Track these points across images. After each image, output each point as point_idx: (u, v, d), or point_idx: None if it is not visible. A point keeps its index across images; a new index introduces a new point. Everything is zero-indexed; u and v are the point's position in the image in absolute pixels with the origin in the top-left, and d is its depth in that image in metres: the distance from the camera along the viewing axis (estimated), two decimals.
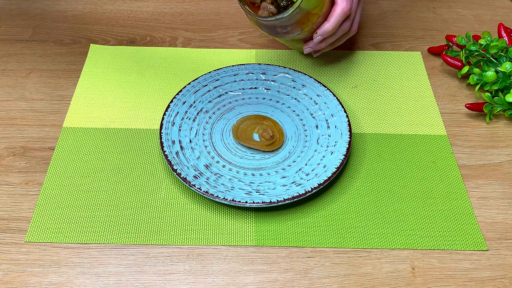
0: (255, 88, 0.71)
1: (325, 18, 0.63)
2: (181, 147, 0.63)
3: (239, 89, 0.71)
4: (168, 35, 0.82)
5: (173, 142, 0.63)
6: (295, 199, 0.56)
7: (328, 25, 0.63)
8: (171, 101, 0.67)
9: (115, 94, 0.71)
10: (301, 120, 0.68)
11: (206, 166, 0.61)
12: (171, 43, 0.80)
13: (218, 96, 0.70)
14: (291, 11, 0.59)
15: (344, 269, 0.54)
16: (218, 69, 0.71)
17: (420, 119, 0.69)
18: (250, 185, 0.60)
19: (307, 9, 0.60)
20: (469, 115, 0.70)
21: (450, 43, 0.77)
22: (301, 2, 0.59)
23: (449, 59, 0.74)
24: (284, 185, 0.59)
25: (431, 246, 0.56)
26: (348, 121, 0.64)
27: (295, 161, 0.63)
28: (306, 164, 0.62)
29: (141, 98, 0.71)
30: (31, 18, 0.84)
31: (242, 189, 0.59)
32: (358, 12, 0.68)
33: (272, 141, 0.65)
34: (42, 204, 0.58)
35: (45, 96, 0.71)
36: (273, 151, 0.64)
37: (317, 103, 0.68)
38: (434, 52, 0.79)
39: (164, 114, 0.65)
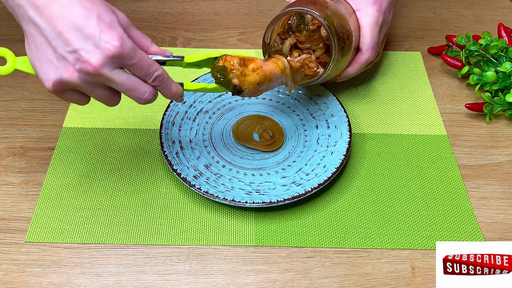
0: None
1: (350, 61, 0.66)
2: (181, 147, 0.62)
3: None
4: (168, 35, 0.82)
5: (173, 142, 0.63)
6: (295, 199, 0.56)
7: (352, 71, 0.66)
8: (171, 101, 0.67)
9: None
10: (301, 120, 0.68)
11: (206, 166, 0.61)
12: (171, 43, 0.80)
13: (218, 96, 0.70)
14: (327, 72, 0.61)
15: (344, 269, 0.54)
16: None
17: (420, 119, 0.69)
18: (250, 185, 0.59)
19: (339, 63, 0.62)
20: (469, 115, 0.70)
21: (450, 43, 0.77)
22: (331, 63, 0.60)
23: (449, 59, 0.74)
24: (284, 185, 0.59)
25: (431, 246, 0.56)
26: (348, 121, 0.64)
27: (295, 161, 0.63)
28: (306, 164, 0.62)
29: None
30: None
31: (242, 189, 0.59)
32: (382, 41, 0.69)
33: (272, 141, 0.65)
34: (42, 204, 0.58)
35: (45, 96, 0.71)
36: (273, 151, 0.64)
37: (317, 103, 0.68)
38: (434, 52, 0.79)
39: (164, 114, 0.65)
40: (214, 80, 0.54)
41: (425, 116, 0.70)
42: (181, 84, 0.53)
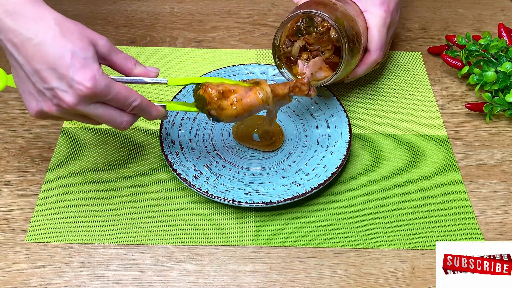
0: None
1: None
2: (181, 147, 0.63)
3: None
4: (168, 35, 0.82)
5: (173, 142, 0.63)
6: (295, 199, 0.56)
7: (360, 71, 0.66)
8: (171, 101, 0.66)
9: None
10: (301, 120, 0.68)
11: (206, 166, 0.61)
12: (171, 43, 0.80)
13: None
14: (337, 74, 0.61)
15: (344, 269, 0.54)
16: (218, 69, 0.71)
17: (420, 119, 0.69)
18: (250, 185, 0.59)
19: (349, 64, 0.62)
20: (469, 115, 0.70)
21: (450, 43, 0.77)
22: (342, 63, 0.60)
23: (449, 59, 0.74)
24: (284, 185, 0.59)
25: (431, 246, 0.56)
26: (348, 121, 0.64)
27: (295, 161, 0.63)
28: (306, 164, 0.62)
29: None
30: None
31: (242, 189, 0.59)
32: (389, 41, 0.69)
33: (272, 141, 0.65)
34: (42, 204, 0.58)
35: None
36: (273, 151, 0.64)
37: (317, 103, 0.68)
38: (434, 52, 0.79)
39: None
40: (195, 103, 0.55)
41: (425, 116, 0.70)
42: (164, 106, 0.54)
